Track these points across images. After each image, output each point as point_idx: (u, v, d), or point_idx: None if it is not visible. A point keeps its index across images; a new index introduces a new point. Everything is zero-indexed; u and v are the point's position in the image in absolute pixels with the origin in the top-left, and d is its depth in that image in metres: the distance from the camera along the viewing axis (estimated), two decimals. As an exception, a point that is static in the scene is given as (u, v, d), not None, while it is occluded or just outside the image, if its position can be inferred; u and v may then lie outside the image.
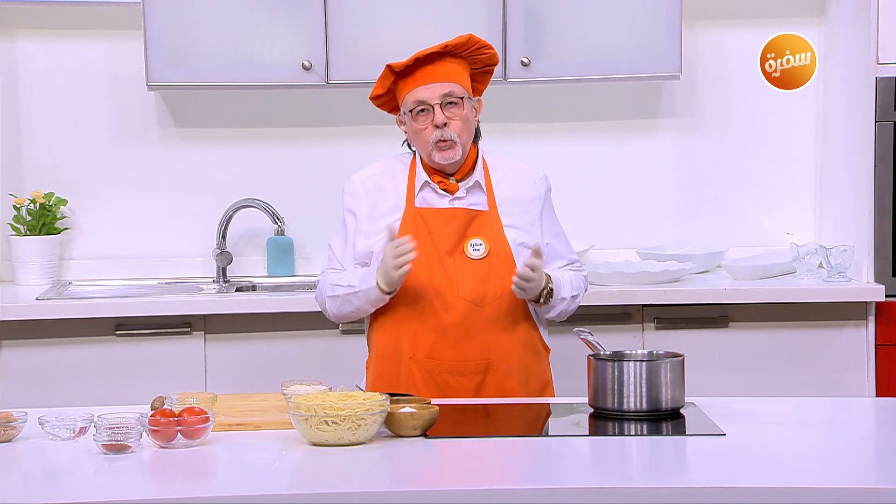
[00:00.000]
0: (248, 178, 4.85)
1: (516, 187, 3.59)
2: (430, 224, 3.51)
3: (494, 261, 3.49)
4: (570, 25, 4.55)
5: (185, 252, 4.86)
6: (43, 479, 2.74)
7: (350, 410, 2.84)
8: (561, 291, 3.54)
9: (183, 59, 4.51)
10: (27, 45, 4.79)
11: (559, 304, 3.56)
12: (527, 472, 2.74)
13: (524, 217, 3.57)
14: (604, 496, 2.57)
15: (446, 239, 3.50)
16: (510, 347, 3.49)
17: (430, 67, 3.49)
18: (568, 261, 3.68)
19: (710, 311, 4.42)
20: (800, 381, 4.41)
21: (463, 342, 3.46)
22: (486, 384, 3.47)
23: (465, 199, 3.54)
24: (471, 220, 3.52)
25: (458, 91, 3.49)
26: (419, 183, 3.54)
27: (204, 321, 4.34)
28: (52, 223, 4.73)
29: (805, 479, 2.65)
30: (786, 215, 4.94)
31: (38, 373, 4.30)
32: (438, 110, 3.47)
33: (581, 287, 3.66)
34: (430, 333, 3.47)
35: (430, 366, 3.46)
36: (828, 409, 3.38)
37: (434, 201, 3.54)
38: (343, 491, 2.61)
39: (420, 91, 3.49)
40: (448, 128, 3.48)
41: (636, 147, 4.91)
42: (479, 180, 3.55)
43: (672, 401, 3.06)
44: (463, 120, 3.49)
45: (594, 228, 4.89)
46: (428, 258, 3.48)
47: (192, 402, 3.02)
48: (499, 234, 3.52)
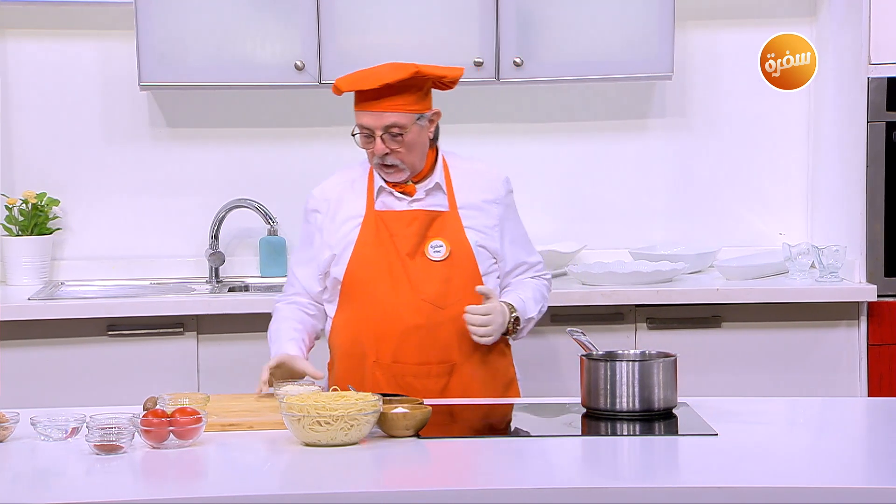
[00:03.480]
0: (240, 179, 4.85)
1: (477, 189, 3.57)
2: (390, 227, 3.50)
3: (455, 262, 3.49)
4: (563, 26, 4.55)
5: (178, 252, 4.86)
6: (35, 480, 2.74)
7: (343, 411, 2.84)
8: (527, 313, 3.54)
9: (175, 60, 4.51)
10: (18, 45, 4.78)
11: (529, 324, 3.56)
12: (519, 473, 2.74)
13: (485, 220, 3.56)
14: (596, 496, 2.57)
15: (407, 241, 3.49)
16: (473, 348, 3.49)
17: (374, 96, 3.44)
18: (529, 265, 3.66)
19: (703, 311, 4.43)
20: (792, 380, 4.41)
21: (426, 344, 3.46)
22: (450, 386, 3.47)
23: (424, 200, 3.52)
24: (431, 221, 3.51)
25: (403, 121, 3.45)
26: (377, 187, 3.53)
27: (196, 321, 4.34)
28: (43, 223, 4.73)
29: (797, 479, 2.66)
30: (778, 215, 4.94)
31: (30, 373, 4.29)
32: (379, 141, 3.45)
33: (546, 296, 3.65)
34: (393, 336, 3.46)
35: (393, 369, 3.45)
36: (820, 408, 3.39)
37: (393, 204, 3.52)
38: (336, 491, 2.61)
39: (364, 116, 3.47)
40: (389, 156, 3.46)
41: (628, 147, 4.91)
42: (440, 181, 3.54)
43: (664, 401, 3.06)
44: (407, 147, 3.46)
45: (586, 229, 4.89)
46: (390, 261, 3.47)
47: (185, 402, 3.02)
48: (460, 236, 3.51)
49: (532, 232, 4.87)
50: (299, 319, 3.56)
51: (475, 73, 4.52)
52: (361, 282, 3.48)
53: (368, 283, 3.46)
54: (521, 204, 4.89)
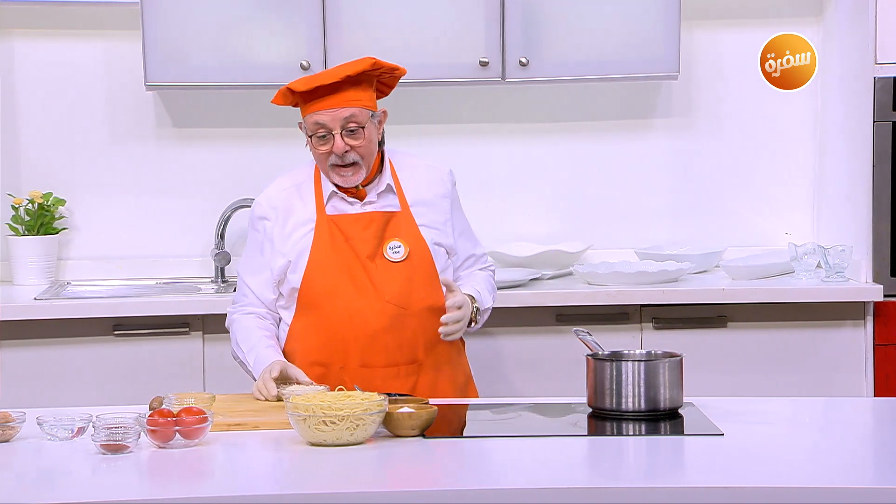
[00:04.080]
0: (246, 178, 4.85)
1: (425, 185, 3.57)
2: (345, 231, 3.48)
3: (415, 262, 3.48)
4: (569, 25, 4.55)
5: (184, 252, 4.86)
6: (41, 480, 2.74)
7: (348, 410, 2.84)
8: (484, 304, 3.55)
9: (181, 60, 4.51)
10: (24, 45, 4.79)
11: (485, 315, 3.57)
12: (525, 472, 2.74)
13: (437, 216, 3.55)
14: (602, 496, 2.57)
15: (365, 244, 3.47)
16: (438, 346, 3.49)
17: (331, 92, 3.41)
18: (476, 257, 3.65)
19: (709, 311, 4.42)
20: (798, 380, 4.41)
21: (393, 346, 3.45)
22: (418, 386, 3.46)
23: (376, 202, 3.51)
24: (386, 222, 3.50)
25: (360, 116, 3.43)
26: (327, 192, 3.51)
27: (202, 321, 4.34)
28: (50, 223, 4.73)
29: (803, 479, 2.66)
30: (784, 215, 4.94)
31: (36, 373, 4.30)
32: (339, 139, 3.42)
33: (494, 287, 3.66)
34: (360, 341, 3.44)
35: (362, 373, 3.43)
36: (826, 409, 3.38)
37: (345, 208, 3.50)
38: (341, 491, 2.61)
39: (320, 115, 3.43)
40: (350, 153, 3.44)
41: (634, 147, 4.91)
42: (390, 183, 3.52)
43: (670, 401, 3.06)
44: (366, 142, 3.44)
45: (592, 228, 4.89)
46: (349, 265, 3.46)
47: (191, 402, 3.02)
48: (416, 234, 3.50)
49: (537, 231, 4.90)
50: (264, 328, 3.51)
51: (480, 72, 4.52)
52: (322, 287, 3.45)
53: (329, 289, 3.44)
54: (527, 203, 4.93)
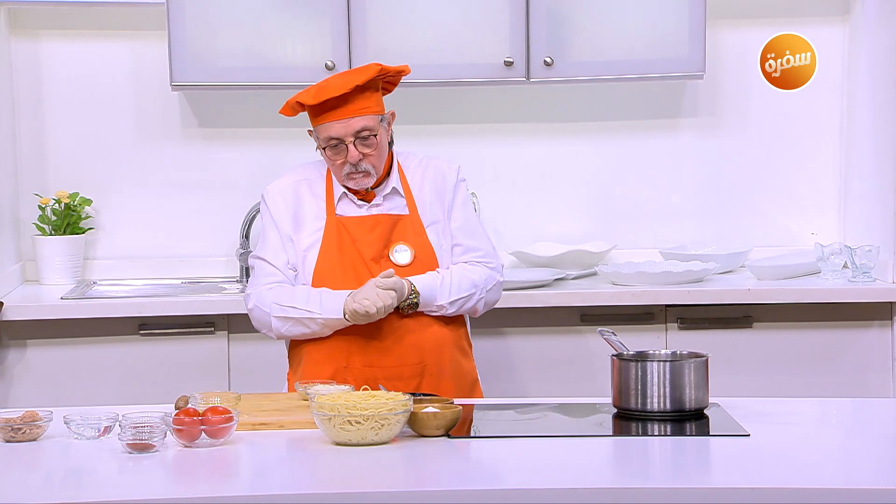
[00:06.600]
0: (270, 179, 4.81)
1: (431, 182, 3.57)
2: (352, 232, 3.49)
3: (421, 265, 3.49)
4: (594, 25, 4.54)
5: (209, 252, 4.87)
6: (67, 478, 2.75)
7: (373, 410, 2.84)
8: (437, 299, 3.47)
9: (206, 60, 4.53)
10: (51, 46, 4.81)
11: (439, 311, 3.49)
12: (550, 472, 2.74)
13: (440, 212, 3.56)
14: (627, 496, 2.57)
15: (370, 246, 3.48)
16: (442, 348, 3.49)
17: (341, 103, 3.43)
18: (465, 248, 3.58)
19: (734, 311, 4.41)
20: (824, 381, 4.39)
21: (398, 347, 3.46)
22: (422, 387, 3.46)
23: (382, 205, 3.52)
24: (393, 225, 3.51)
25: (372, 124, 3.45)
26: (337, 193, 3.52)
27: (227, 321, 4.35)
28: (76, 223, 4.75)
29: (829, 480, 2.65)
30: (810, 215, 4.92)
31: (62, 372, 4.32)
32: (352, 148, 3.44)
33: (479, 284, 3.54)
34: (363, 342, 3.45)
35: (365, 373, 3.43)
36: (852, 409, 3.37)
37: (353, 210, 3.52)
38: (366, 491, 2.61)
39: (333, 127, 3.44)
40: (363, 162, 3.45)
41: (659, 147, 4.90)
42: (396, 186, 3.53)
43: (696, 401, 3.05)
44: (378, 150, 3.46)
45: (617, 228, 4.88)
46: (355, 267, 3.47)
47: (216, 401, 3.03)
48: (422, 238, 3.51)
49: (562, 231, 4.90)
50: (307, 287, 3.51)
51: (505, 72, 4.52)
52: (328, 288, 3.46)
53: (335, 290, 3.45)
54: (553, 204, 4.93)
